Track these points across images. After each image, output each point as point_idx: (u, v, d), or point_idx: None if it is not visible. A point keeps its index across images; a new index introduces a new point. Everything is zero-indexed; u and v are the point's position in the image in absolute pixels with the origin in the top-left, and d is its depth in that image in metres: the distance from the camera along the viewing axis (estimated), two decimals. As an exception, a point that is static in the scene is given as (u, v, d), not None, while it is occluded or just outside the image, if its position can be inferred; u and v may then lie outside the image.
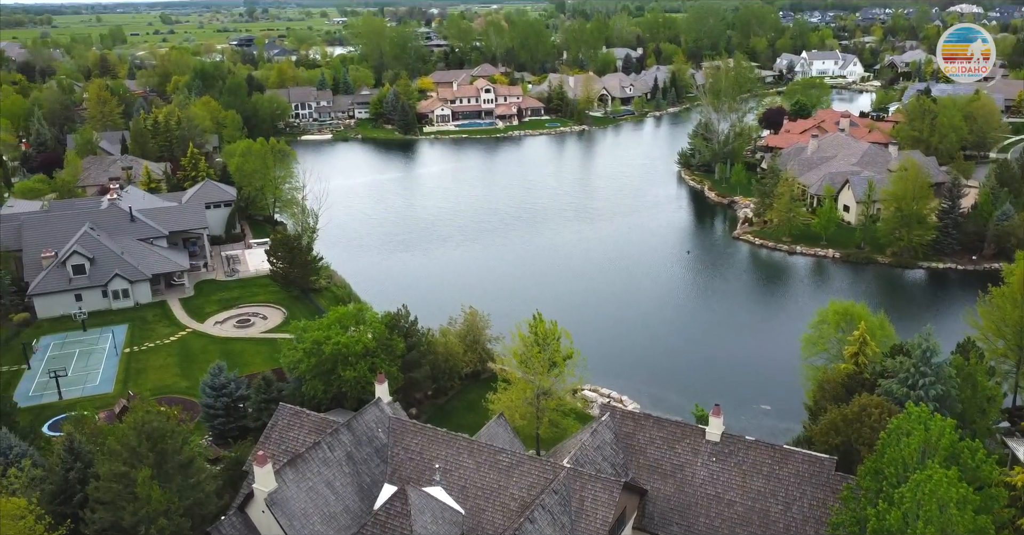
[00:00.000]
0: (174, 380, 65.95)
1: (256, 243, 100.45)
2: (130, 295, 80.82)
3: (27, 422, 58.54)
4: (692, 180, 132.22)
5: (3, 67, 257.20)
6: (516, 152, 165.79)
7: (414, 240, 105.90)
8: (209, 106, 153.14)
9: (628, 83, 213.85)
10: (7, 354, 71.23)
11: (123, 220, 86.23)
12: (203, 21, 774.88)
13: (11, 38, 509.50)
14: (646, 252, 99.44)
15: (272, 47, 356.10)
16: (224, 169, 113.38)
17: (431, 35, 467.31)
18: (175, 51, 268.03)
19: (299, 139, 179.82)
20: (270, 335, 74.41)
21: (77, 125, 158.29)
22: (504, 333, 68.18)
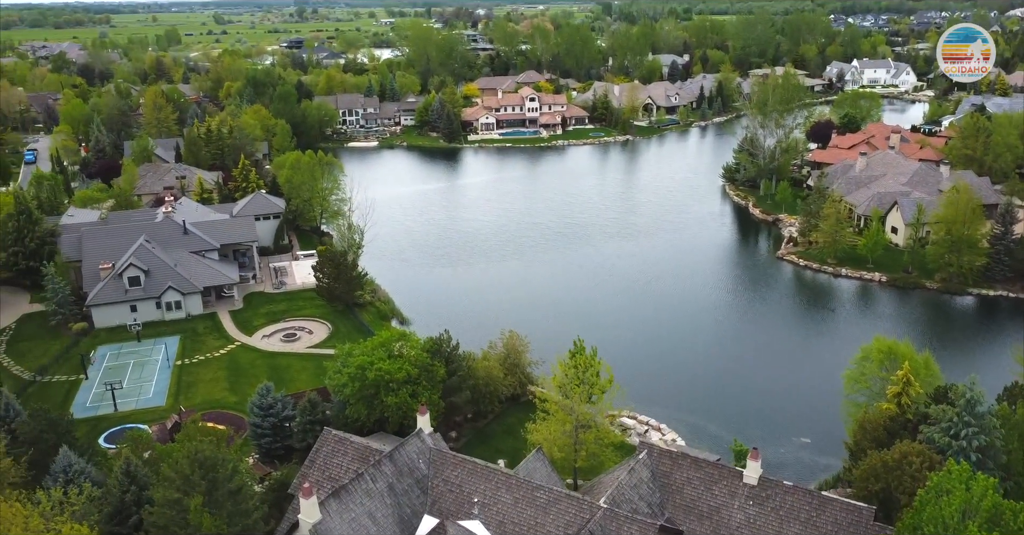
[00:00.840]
0: (223, 395, 68.04)
1: (303, 255, 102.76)
2: (182, 307, 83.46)
3: (84, 434, 61.26)
4: (736, 196, 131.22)
5: (64, 70, 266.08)
6: (559, 163, 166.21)
7: (455, 254, 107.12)
8: (260, 114, 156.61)
9: (674, 92, 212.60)
10: (66, 364, 74.24)
11: (177, 233, 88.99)
12: (255, 21, 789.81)
13: (71, 38, 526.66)
14: (688, 271, 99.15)
15: (321, 50, 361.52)
16: (273, 180, 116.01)
17: (477, 37, 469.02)
18: (228, 56, 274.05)
19: (346, 146, 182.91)
20: (315, 351, 76.24)
21: (134, 131, 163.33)
22: (544, 356, 69.19)
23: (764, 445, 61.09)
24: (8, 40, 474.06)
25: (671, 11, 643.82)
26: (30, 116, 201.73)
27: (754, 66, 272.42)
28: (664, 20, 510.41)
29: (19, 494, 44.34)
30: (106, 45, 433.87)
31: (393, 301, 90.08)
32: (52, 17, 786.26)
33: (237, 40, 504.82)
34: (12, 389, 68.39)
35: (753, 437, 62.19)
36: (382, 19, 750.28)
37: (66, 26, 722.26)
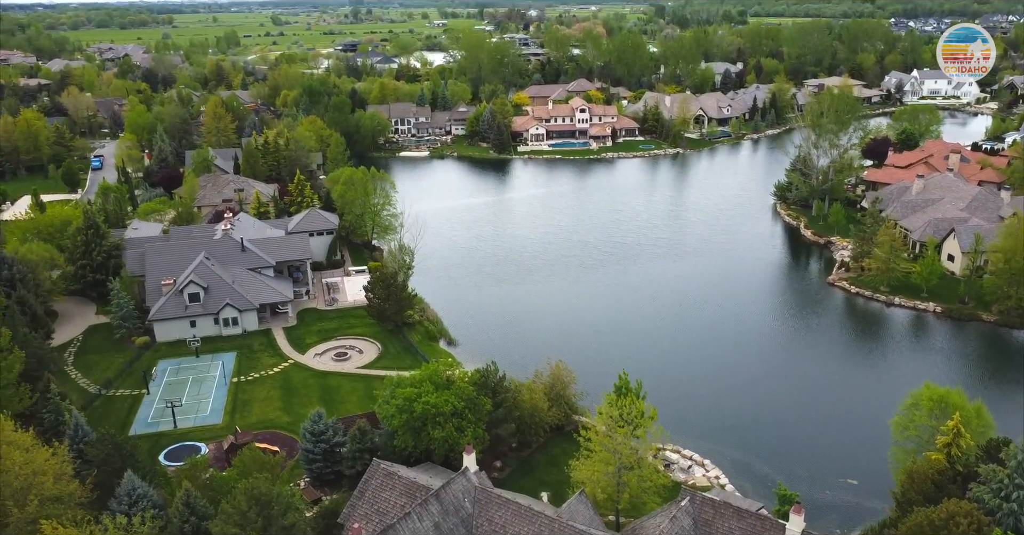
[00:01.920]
0: (276, 415, 70.28)
1: (355, 270, 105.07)
2: (239, 323, 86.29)
3: (145, 450, 64.08)
4: (788, 215, 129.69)
5: (129, 74, 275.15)
6: (608, 176, 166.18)
7: (502, 272, 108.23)
8: (315, 125, 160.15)
9: (726, 103, 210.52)
10: (129, 378, 77.46)
11: (235, 250, 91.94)
12: (311, 22, 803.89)
13: (136, 39, 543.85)
14: (735, 295, 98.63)
15: (375, 55, 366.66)
16: (327, 195, 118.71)
17: (528, 41, 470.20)
18: (285, 62, 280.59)
19: (398, 155, 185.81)
20: (365, 371, 78.12)
21: (195, 139, 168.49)
22: (589, 384, 70.01)
23: (810, 485, 61.08)
24: (77, 41, 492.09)
25: (725, 14, 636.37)
26: (97, 122, 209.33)
27: (809, 75, 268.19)
28: (718, 25, 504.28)
29: (86, 515, 46.95)
30: (168, 47, 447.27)
31: (441, 321, 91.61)
32: (118, 17, 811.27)
33: (294, 42, 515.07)
34: (79, 401, 71.94)
35: (799, 476, 62.10)
36: (435, 21, 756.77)
37: (131, 26, 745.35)
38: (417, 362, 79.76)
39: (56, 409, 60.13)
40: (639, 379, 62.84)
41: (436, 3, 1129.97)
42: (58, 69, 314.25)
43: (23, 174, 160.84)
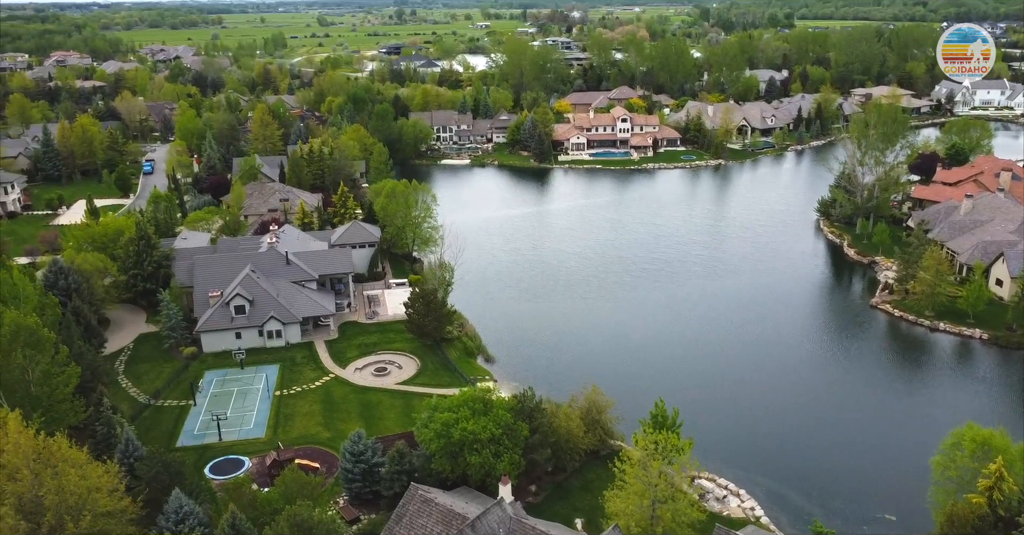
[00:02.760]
0: (317, 430, 71.91)
1: (395, 283, 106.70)
2: (282, 335, 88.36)
3: (191, 462, 66.22)
4: (831, 233, 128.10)
5: (180, 77, 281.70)
6: (648, 188, 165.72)
7: (539, 288, 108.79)
8: (358, 133, 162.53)
9: (770, 113, 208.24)
10: (177, 388, 79.91)
11: (280, 263, 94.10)
12: (356, 23, 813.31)
13: (187, 40, 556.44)
14: (774, 316, 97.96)
15: (418, 58, 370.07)
16: (370, 207, 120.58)
17: (570, 45, 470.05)
18: (330, 67, 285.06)
19: (439, 163, 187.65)
20: (404, 387, 79.45)
21: (242, 145, 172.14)
22: (624, 407, 70.29)
23: (846, 519, 60.70)
24: (130, 42, 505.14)
25: (771, 17, 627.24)
26: (148, 125, 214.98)
27: (856, 84, 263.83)
28: (763, 29, 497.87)
29: (137, 531, 48.86)
30: (217, 47, 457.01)
31: (480, 337, 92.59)
32: (169, 17, 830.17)
33: (339, 44, 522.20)
34: (129, 411, 74.47)
35: (835, 509, 61.77)
36: (478, 22, 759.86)
37: (182, 27, 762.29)
38: (455, 379, 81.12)
39: (108, 422, 62.39)
40: (675, 408, 63.10)
41: (479, 4, 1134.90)
42: (112, 71, 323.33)
43: (78, 178, 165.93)
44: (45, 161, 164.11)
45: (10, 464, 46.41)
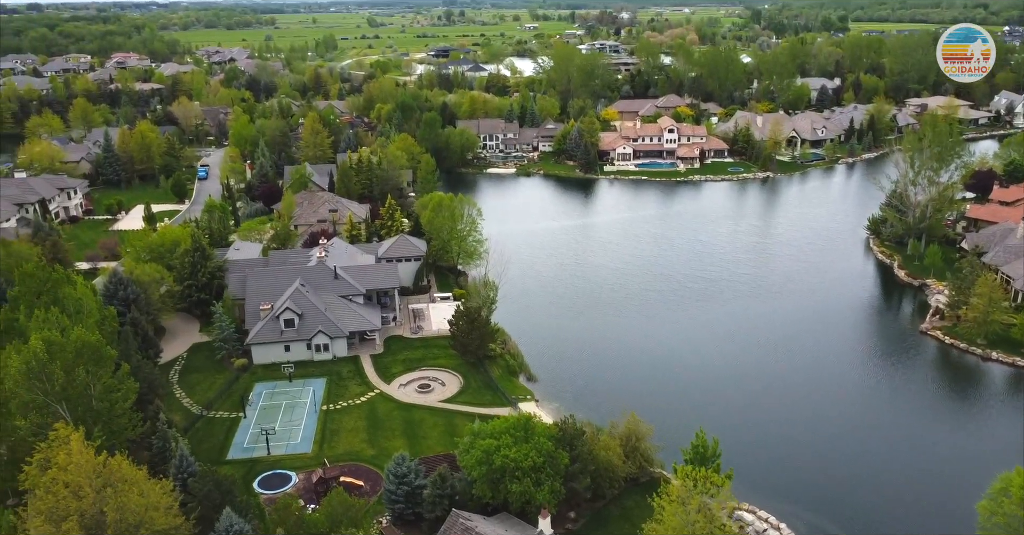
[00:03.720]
0: (361, 447, 73.64)
1: (440, 297, 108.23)
2: (329, 349, 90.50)
3: (240, 476, 68.47)
4: (881, 252, 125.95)
5: (235, 82, 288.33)
6: (693, 201, 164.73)
7: (581, 304, 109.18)
8: (406, 142, 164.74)
9: (820, 125, 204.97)
10: (228, 400, 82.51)
11: (328, 278, 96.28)
12: (405, 24, 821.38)
13: (241, 40, 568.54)
14: (820, 339, 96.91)
15: (466, 62, 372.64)
16: (416, 219, 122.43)
17: (618, 48, 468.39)
18: (379, 70, 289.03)
19: (485, 171, 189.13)
20: (447, 406, 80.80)
21: (293, 152, 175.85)
22: (665, 432, 70.58)
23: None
24: (187, 44, 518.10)
25: (824, 20, 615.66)
26: (203, 130, 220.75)
27: (912, 93, 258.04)
28: (817, 33, 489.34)
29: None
30: (270, 49, 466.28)
31: (522, 355, 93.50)
32: (225, 17, 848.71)
33: (388, 46, 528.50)
34: (182, 422, 77.23)
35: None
36: (526, 24, 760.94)
37: (236, 27, 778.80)
38: (497, 399, 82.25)
39: (164, 436, 64.93)
40: (715, 438, 63.11)
41: (527, 4, 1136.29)
42: (170, 73, 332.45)
43: (136, 183, 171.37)
44: (106, 166, 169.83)
45: (73, 482, 48.81)
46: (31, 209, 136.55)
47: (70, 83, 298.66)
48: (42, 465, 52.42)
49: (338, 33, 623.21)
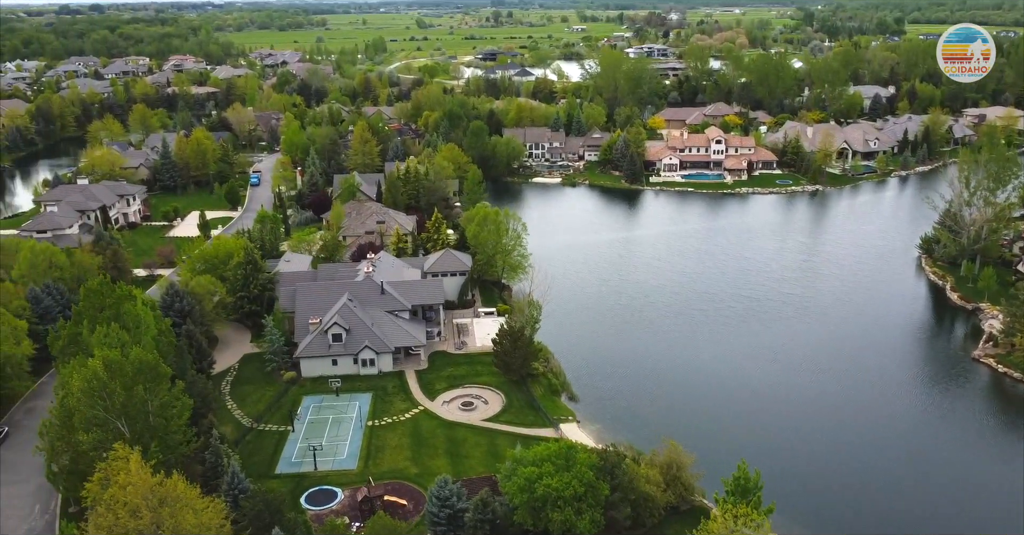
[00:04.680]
0: (405, 465, 75.11)
1: (484, 312, 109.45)
2: (375, 364, 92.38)
3: (288, 491, 70.50)
4: (933, 273, 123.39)
5: (287, 87, 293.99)
6: (740, 215, 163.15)
7: (622, 322, 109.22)
8: (453, 152, 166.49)
9: (873, 136, 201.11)
10: (277, 413, 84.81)
11: (375, 293, 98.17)
12: (453, 25, 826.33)
13: (292, 42, 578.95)
14: (867, 363, 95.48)
15: (513, 66, 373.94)
16: (462, 234, 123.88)
17: (667, 52, 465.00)
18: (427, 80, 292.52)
19: (530, 181, 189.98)
20: (490, 425, 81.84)
21: (343, 159, 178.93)
22: (705, 459, 70.52)
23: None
24: (241, 46, 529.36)
25: (879, 22, 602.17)
26: (256, 135, 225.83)
27: (969, 103, 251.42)
28: (871, 36, 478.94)
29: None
30: (321, 51, 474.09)
31: (564, 373, 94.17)
32: (277, 18, 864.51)
33: (436, 48, 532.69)
34: (233, 434, 79.56)
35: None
36: (574, 26, 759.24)
37: (288, 29, 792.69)
38: (539, 419, 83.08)
39: (216, 452, 67.24)
40: (757, 470, 62.83)
41: (575, 5, 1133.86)
42: (224, 76, 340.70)
43: (192, 189, 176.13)
44: (163, 172, 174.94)
45: (131, 502, 51.04)
46: (92, 216, 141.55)
47: (129, 87, 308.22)
48: (102, 482, 54.86)
49: (387, 35, 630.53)
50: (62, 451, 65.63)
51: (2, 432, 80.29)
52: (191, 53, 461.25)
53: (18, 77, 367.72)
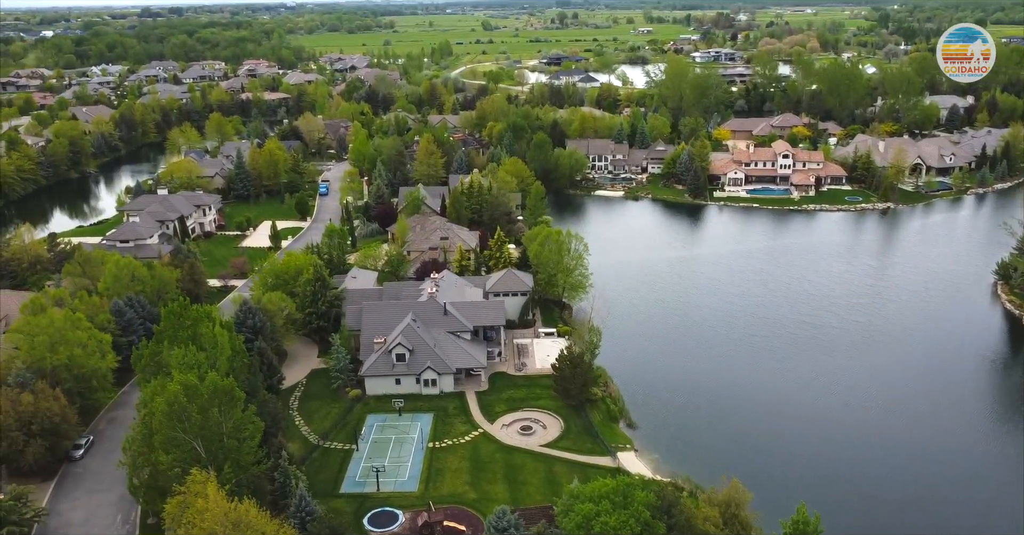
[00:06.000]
0: (464, 490, 76.85)
1: (544, 332, 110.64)
2: (437, 384, 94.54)
3: (351, 512, 73.06)
4: (1009, 301, 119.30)
5: (355, 93, 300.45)
6: (805, 233, 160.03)
7: (681, 346, 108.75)
8: (516, 166, 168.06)
9: (949, 151, 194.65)
10: (342, 431, 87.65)
11: (438, 313, 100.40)
12: (518, 26, 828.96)
13: (361, 45, 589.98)
14: (935, 398, 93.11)
15: (577, 72, 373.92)
16: (523, 252, 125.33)
17: (734, 56, 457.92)
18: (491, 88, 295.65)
19: (593, 194, 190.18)
20: (548, 451, 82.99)
21: (408, 170, 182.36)
22: (764, 498, 70.32)
23: None
24: (311, 49, 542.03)
25: (959, 22, 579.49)
26: (325, 143, 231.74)
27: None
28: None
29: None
30: (388, 55, 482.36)
31: (623, 398, 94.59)
32: (347, 21, 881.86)
33: (501, 51, 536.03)
34: (300, 452, 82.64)
35: None
36: (640, 27, 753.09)
37: (357, 31, 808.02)
38: (597, 447, 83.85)
39: (285, 473, 70.16)
40: (816, 513, 62.51)
41: (642, 5, 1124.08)
42: (295, 82, 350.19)
43: (264, 198, 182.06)
44: (237, 181, 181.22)
45: (208, 528, 53.95)
46: (171, 226, 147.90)
47: (206, 93, 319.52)
48: (181, 505, 58.04)
49: (453, 37, 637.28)
50: (142, 466, 69.60)
51: (88, 441, 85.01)
52: (264, 57, 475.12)
53: (103, 82, 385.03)
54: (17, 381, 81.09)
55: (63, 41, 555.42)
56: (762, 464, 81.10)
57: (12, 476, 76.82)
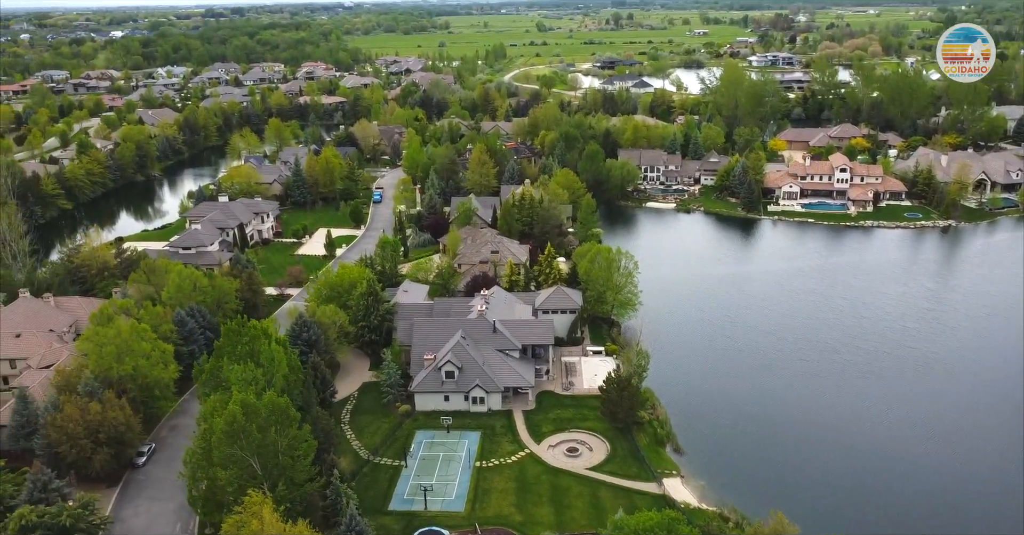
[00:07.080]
0: (510, 512, 78.00)
1: (592, 350, 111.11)
2: (485, 402, 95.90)
3: (399, 530, 74.84)
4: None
5: (409, 99, 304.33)
6: (861, 252, 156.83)
7: (728, 367, 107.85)
8: (567, 178, 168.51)
9: (1016, 166, 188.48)
10: (392, 446, 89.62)
11: (487, 331, 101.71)
12: (573, 28, 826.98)
13: (416, 47, 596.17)
14: (988, 434, 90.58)
15: (631, 77, 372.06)
16: (573, 268, 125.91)
17: (792, 60, 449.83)
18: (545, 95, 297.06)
19: (644, 205, 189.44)
20: (594, 474, 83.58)
21: (460, 178, 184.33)
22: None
23: None
24: (367, 51, 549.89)
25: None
26: (379, 149, 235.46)
27: None
28: (1021, 42, 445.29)
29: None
30: (443, 57, 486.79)
31: (670, 423, 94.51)
32: (403, 21, 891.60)
33: (555, 54, 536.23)
34: (350, 467, 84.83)
35: None
36: (696, 29, 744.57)
37: (413, 32, 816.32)
38: (643, 472, 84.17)
39: (336, 491, 72.25)
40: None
41: (698, 6, 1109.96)
42: (351, 85, 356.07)
43: (320, 205, 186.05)
44: (294, 188, 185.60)
45: (265, 549, 56.14)
46: (231, 233, 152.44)
47: (265, 96, 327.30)
48: (238, 524, 60.40)
49: (507, 38, 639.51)
50: (201, 479, 72.43)
51: (150, 448, 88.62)
52: (322, 60, 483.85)
53: (168, 83, 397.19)
54: (86, 390, 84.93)
55: (131, 42, 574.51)
56: (809, 495, 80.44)
57: (80, 483, 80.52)
